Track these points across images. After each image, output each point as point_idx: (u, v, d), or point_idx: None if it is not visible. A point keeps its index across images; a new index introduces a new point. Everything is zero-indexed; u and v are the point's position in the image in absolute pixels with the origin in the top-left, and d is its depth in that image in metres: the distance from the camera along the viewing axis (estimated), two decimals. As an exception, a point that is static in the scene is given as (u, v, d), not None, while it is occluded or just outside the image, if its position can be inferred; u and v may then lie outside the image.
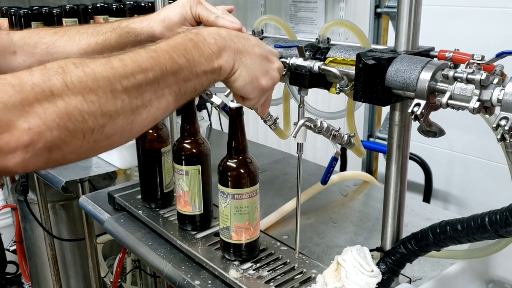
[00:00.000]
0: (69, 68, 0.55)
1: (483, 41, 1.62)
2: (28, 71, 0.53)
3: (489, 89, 0.66)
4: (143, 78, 0.61)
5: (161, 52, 0.65)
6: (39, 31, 1.03)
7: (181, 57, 0.66)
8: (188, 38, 0.70)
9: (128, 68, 0.60)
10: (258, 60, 0.78)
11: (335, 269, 0.89)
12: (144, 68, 0.61)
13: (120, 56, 0.61)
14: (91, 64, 0.57)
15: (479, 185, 1.80)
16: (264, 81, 0.79)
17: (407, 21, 0.77)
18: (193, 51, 0.68)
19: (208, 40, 0.71)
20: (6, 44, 1.00)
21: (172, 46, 0.67)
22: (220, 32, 0.74)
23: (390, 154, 0.84)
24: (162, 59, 0.64)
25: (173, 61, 0.65)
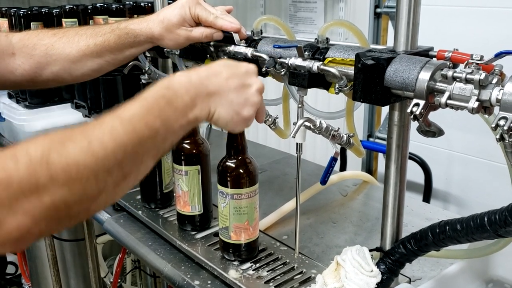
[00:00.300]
0: (52, 159, 0.55)
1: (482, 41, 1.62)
2: (13, 161, 0.53)
3: (488, 89, 0.66)
4: (123, 154, 0.62)
5: (136, 120, 0.64)
6: (37, 32, 1.03)
7: (156, 119, 0.66)
8: (160, 94, 0.69)
9: (108, 150, 0.60)
10: (234, 94, 0.76)
11: (334, 269, 0.89)
12: (123, 145, 0.62)
13: (100, 136, 0.60)
14: (73, 151, 0.57)
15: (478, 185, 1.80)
16: (245, 112, 0.78)
17: (406, 21, 0.77)
18: (166, 108, 0.68)
19: (180, 92, 0.70)
20: (5, 46, 1.00)
21: (147, 109, 0.66)
22: (190, 79, 0.73)
23: (390, 154, 0.84)
24: (138, 128, 0.64)
25: (149, 127, 0.65)
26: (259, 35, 1.04)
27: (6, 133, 2.06)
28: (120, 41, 1.01)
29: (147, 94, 0.69)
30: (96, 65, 1.03)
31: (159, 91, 0.69)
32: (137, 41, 1.02)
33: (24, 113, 1.86)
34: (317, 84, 0.88)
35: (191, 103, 0.71)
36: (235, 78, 0.76)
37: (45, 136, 0.58)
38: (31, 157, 0.54)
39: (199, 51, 1.12)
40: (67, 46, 1.00)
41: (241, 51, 1.00)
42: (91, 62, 1.02)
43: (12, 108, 1.92)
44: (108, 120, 0.63)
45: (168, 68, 1.41)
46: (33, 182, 0.53)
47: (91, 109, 1.71)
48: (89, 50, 1.00)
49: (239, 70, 0.78)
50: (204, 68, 0.77)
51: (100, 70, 1.06)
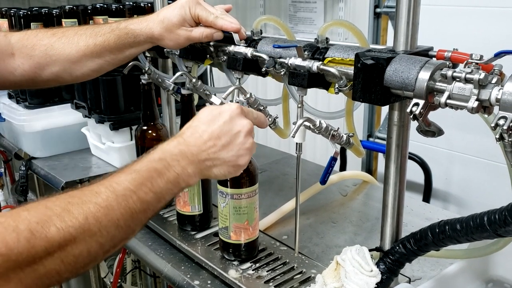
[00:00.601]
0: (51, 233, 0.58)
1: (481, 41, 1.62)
2: (15, 234, 0.55)
3: (488, 88, 0.66)
4: (115, 229, 0.65)
5: (130, 195, 0.66)
6: (36, 32, 1.03)
7: (149, 193, 0.68)
8: (152, 167, 0.70)
9: (102, 226, 0.63)
10: (225, 152, 0.77)
11: (334, 269, 0.89)
12: (116, 220, 0.64)
13: (94, 212, 0.62)
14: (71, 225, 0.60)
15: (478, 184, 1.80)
16: (240, 161, 0.79)
17: (406, 21, 0.77)
18: (159, 181, 0.70)
19: (172, 164, 0.72)
20: (4, 46, 1.00)
21: (140, 182, 0.68)
22: (181, 150, 0.74)
23: (389, 154, 0.84)
24: (131, 203, 0.66)
25: (142, 201, 0.67)
26: (259, 35, 1.04)
27: (6, 133, 2.06)
28: (120, 41, 1.00)
29: (140, 165, 0.70)
30: (96, 65, 1.03)
31: (151, 163, 0.71)
32: (137, 41, 1.02)
33: (24, 113, 1.86)
34: (316, 84, 0.88)
35: (183, 174, 0.73)
36: (223, 135, 0.76)
37: (47, 204, 0.60)
38: (32, 230, 0.56)
39: (199, 51, 1.12)
40: (67, 46, 1.00)
41: (241, 51, 1.00)
42: (91, 62, 1.02)
43: (12, 109, 1.92)
44: (104, 192, 0.65)
45: (168, 68, 1.41)
46: (31, 255, 0.56)
47: (91, 110, 1.71)
48: (89, 50, 1.00)
49: (223, 121, 0.77)
50: (190, 131, 0.77)
51: (100, 70, 1.06)
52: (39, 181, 2.06)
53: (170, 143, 0.75)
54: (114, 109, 1.65)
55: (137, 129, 1.29)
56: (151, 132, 1.27)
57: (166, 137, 1.29)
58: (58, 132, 1.85)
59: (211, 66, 1.15)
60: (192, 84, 1.12)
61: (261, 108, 0.98)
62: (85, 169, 1.75)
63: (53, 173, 1.71)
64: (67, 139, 1.87)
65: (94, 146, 1.82)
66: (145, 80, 1.24)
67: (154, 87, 1.25)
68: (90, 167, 1.77)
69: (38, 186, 2.09)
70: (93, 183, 0.67)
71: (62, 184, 1.64)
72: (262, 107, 0.98)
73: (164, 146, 0.74)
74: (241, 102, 0.96)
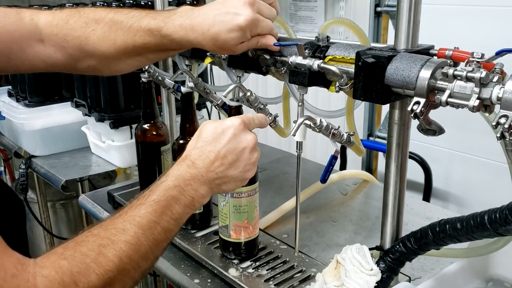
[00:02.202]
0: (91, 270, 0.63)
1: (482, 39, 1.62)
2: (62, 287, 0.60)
3: (489, 87, 0.66)
4: (145, 261, 0.70)
5: (154, 226, 0.70)
6: (66, 18, 0.94)
7: (170, 221, 0.73)
8: (170, 196, 0.73)
9: (134, 261, 0.68)
10: (233, 170, 0.79)
11: (334, 267, 0.89)
12: (145, 254, 0.69)
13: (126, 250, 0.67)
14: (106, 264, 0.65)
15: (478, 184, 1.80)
16: (248, 175, 0.82)
17: (407, 19, 0.77)
18: (177, 208, 0.73)
19: (186, 189, 0.75)
20: (31, 31, 0.93)
21: (161, 213, 0.71)
22: (193, 174, 0.76)
23: (390, 153, 0.84)
24: (157, 234, 0.71)
25: (165, 230, 0.72)
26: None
27: (6, 131, 2.06)
28: (163, 46, 0.92)
29: (158, 195, 0.72)
30: (136, 62, 0.98)
31: (168, 192, 0.73)
32: (182, 48, 0.97)
33: (24, 111, 1.86)
34: (317, 82, 0.87)
35: (197, 196, 0.76)
36: (229, 154, 0.78)
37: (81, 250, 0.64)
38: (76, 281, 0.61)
39: (199, 50, 1.12)
40: (103, 43, 0.93)
41: (241, 50, 1.00)
42: (131, 59, 0.97)
43: (12, 107, 1.92)
44: (130, 229, 0.68)
45: (168, 67, 1.41)
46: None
47: (91, 108, 1.71)
48: (128, 50, 0.93)
49: (227, 139, 0.78)
50: (197, 153, 0.78)
51: (141, 65, 1.03)
52: (39, 180, 2.07)
53: (180, 168, 0.76)
54: (114, 107, 1.65)
55: (137, 128, 1.29)
56: (151, 131, 1.27)
57: (166, 136, 1.29)
58: (58, 130, 1.85)
59: (211, 64, 1.15)
60: (192, 82, 1.12)
61: (261, 106, 0.97)
62: (85, 168, 1.75)
63: (53, 172, 1.71)
64: (67, 137, 1.87)
65: (94, 144, 1.82)
66: (145, 79, 1.23)
67: (154, 86, 1.25)
68: (90, 166, 1.77)
69: (38, 185, 2.09)
70: (114, 217, 0.70)
71: (62, 183, 1.64)
72: (262, 105, 0.98)
73: (176, 172, 0.76)
74: (241, 100, 0.96)
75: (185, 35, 0.88)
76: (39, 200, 2.12)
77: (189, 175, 0.75)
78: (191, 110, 1.14)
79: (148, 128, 1.27)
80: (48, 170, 1.73)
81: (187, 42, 0.89)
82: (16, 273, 0.58)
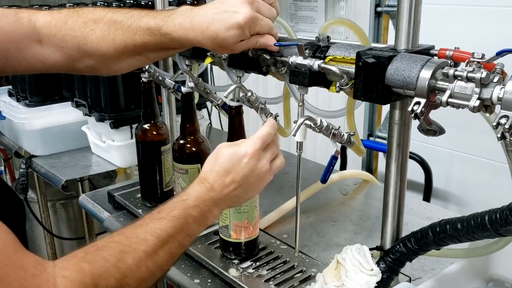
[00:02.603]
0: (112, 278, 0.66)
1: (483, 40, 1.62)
2: None
3: (489, 87, 0.66)
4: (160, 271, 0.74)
5: (172, 240, 0.74)
6: (65, 18, 0.94)
7: (186, 237, 0.77)
8: (189, 214, 0.77)
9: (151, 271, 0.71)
10: (252, 192, 0.85)
11: (334, 268, 0.89)
12: (161, 265, 0.73)
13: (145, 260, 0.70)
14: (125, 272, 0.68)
15: (479, 184, 1.80)
16: (260, 189, 0.86)
17: (407, 19, 0.77)
18: (194, 226, 0.78)
19: (204, 210, 0.79)
20: (29, 32, 0.92)
21: (180, 229, 0.76)
22: (211, 197, 0.80)
23: (390, 153, 0.84)
24: (173, 249, 0.75)
25: (181, 245, 0.76)
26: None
27: (6, 131, 2.06)
28: (163, 45, 0.92)
29: (179, 212, 0.76)
30: (136, 61, 0.98)
31: (187, 210, 0.77)
32: (181, 47, 0.96)
33: (25, 111, 1.86)
34: (318, 82, 0.87)
35: (212, 216, 0.81)
36: (245, 180, 0.82)
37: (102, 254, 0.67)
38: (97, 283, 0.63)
39: (200, 50, 1.12)
40: (103, 42, 0.93)
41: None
42: (130, 59, 0.96)
43: (12, 107, 1.92)
44: (151, 240, 0.72)
45: (169, 67, 1.41)
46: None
47: (91, 108, 1.71)
48: (127, 49, 0.93)
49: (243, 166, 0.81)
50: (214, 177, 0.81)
51: (141, 64, 1.03)
52: (39, 179, 2.06)
53: (199, 189, 0.80)
54: (115, 107, 1.65)
55: (138, 128, 1.29)
56: (151, 130, 1.27)
57: (166, 136, 1.29)
58: (58, 130, 1.85)
59: (212, 64, 1.15)
60: (192, 82, 1.12)
61: (262, 106, 0.97)
62: (85, 168, 1.75)
63: (53, 171, 1.71)
64: (67, 137, 1.87)
65: (95, 144, 1.82)
66: (145, 78, 1.23)
67: (154, 85, 1.25)
68: (90, 166, 1.77)
69: (38, 184, 2.09)
70: (135, 226, 0.73)
71: (62, 182, 1.64)
72: (263, 105, 0.98)
73: (196, 192, 0.80)
74: (242, 100, 0.96)
75: (185, 33, 0.88)
76: (39, 200, 2.12)
77: (207, 198, 0.80)
78: (191, 110, 1.14)
79: (149, 128, 1.27)
80: (48, 170, 1.73)
81: (187, 40, 0.89)
82: (36, 273, 0.59)
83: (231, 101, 0.96)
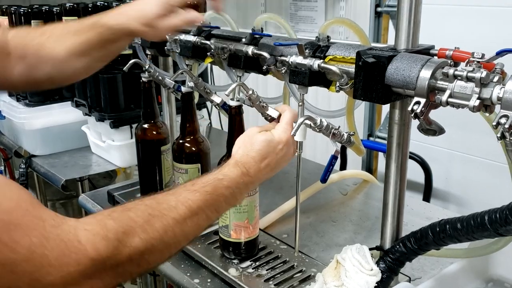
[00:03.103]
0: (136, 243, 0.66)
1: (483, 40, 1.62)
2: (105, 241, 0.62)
3: (489, 87, 0.66)
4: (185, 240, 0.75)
5: (201, 212, 0.76)
6: (29, 31, 1.02)
7: (214, 212, 0.79)
8: (221, 193, 0.79)
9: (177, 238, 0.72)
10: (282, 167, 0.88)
11: (334, 267, 0.89)
12: (187, 234, 0.74)
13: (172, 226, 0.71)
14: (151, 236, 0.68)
15: (479, 184, 1.80)
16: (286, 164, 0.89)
17: (407, 19, 0.77)
18: (223, 204, 0.80)
19: (235, 192, 0.81)
20: (2, 44, 0.96)
21: (210, 204, 0.77)
22: (245, 181, 0.83)
23: (390, 153, 0.84)
24: (201, 220, 0.76)
25: (208, 219, 0.78)
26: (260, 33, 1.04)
27: (6, 131, 2.06)
28: (102, 38, 0.99)
29: (212, 188, 0.78)
30: (84, 64, 1.02)
31: (221, 190, 0.79)
32: (117, 37, 1.00)
33: (24, 111, 1.86)
34: (317, 82, 0.87)
35: (240, 198, 0.85)
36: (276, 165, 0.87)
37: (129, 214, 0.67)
38: (120, 240, 0.63)
39: (200, 50, 1.12)
40: (56, 45, 0.98)
41: (242, 49, 1.00)
42: (78, 61, 1.01)
43: (12, 106, 1.92)
44: (181, 208, 0.73)
45: (169, 66, 1.41)
46: (116, 260, 0.63)
47: (91, 108, 1.71)
48: (75, 49, 0.98)
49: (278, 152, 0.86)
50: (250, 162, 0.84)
51: (89, 68, 1.05)
52: (39, 179, 2.06)
53: (236, 172, 0.82)
54: (115, 107, 1.65)
55: (138, 127, 1.29)
56: (151, 130, 1.27)
57: (166, 135, 1.29)
58: (58, 130, 1.85)
59: (212, 64, 1.15)
60: (192, 82, 1.12)
61: (263, 105, 0.97)
62: (85, 167, 1.75)
63: (53, 171, 1.71)
64: (67, 137, 1.87)
65: (94, 144, 1.82)
66: (145, 78, 1.23)
67: (154, 85, 1.25)
68: (90, 165, 1.77)
69: (38, 184, 2.09)
70: (168, 193, 0.75)
71: (62, 182, 1.64)
72: (264, 103, 0.98)
73: (231, 174, 0.82)
74: (242, 99, 0.96)
75: (118, 19, 0.97)
76: (39, 200, 2.12)
77: (242, 182, 0.82)
78: (191, 110, 1.14)
79: (148, 128, 1.27)
80: (48, 170, 1.73)
81: (121, 27, 0.97)
82: (55, 224, 0.59)
83: (231, 101, 0.96)
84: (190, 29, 1.13)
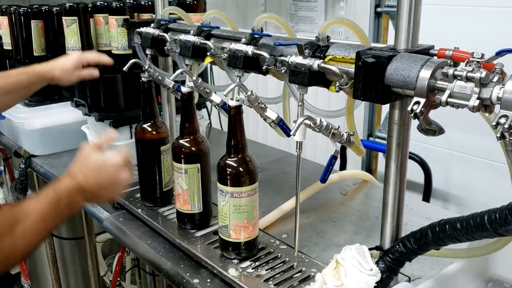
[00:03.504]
0: None
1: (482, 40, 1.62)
2: None
3: (489, 87, 0.66)
4: None
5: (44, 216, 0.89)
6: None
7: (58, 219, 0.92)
8: (62, 202, 0.92)
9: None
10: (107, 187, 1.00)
11: (334, 267, 0.89)
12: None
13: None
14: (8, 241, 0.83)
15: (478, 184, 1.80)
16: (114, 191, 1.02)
17: (407, 19, 0.77)
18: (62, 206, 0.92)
19: (64, 200, 0.92)
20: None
21: (46, 215, 0.89)
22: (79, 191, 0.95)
23: (390, 153, 0.84)
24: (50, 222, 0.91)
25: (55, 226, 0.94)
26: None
27: (6, 131, 2.06)
28: (31, 82, 1.30)
29: (44, 199, 0.90)
30: (10, 98, 1.31)
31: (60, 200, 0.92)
32: (44, 80, 1.33)
33: (24, 111, 1.86)
34: (317, 82, 0.87)
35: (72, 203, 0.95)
36: (105, 183, 0.98)
37: None
38: None
39: (200, 50, 1.12)
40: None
41: (241, 49, 1.00)
42: (7, 96, 1.29)
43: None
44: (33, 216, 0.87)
45: (168, 66, 1.41)
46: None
47: (91, 108, 1.71)
48: (5, 88, 1.27)
49: (107, 172, 0.98)
50: (83, 177, 0.95)
51: (13, 102, 1.37)
52: (38, 179, 2.06)
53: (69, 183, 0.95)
54: (114, 107, 1.65)
55: (137, 127, 1.29)
56: (151, 130, 1.27)
57: (166, 135, 1.29)
58: (58, 130, 1.85)
59: (212, 64, 1.15)
60: (192, 82, 1.12)
61: (262, 106, 0.97)
62: (85, 167, 1.74)
63: (52, 171, 1.71)
64: (67, 137, 1.87)
65: (94, 144, 1.82)
66: (145, 78, 1.23)
67: (154, 85, 1.25)
68: (90, 165, 1.76)
69: (38, 184, 2.08)
70: None
71: (61, 182, 1.63)
72: (263, 104, 0.98)
73: (66, 186, 0.94)
74: (242, 100, 0.96)
75: (45, 67, 1.33)
76: (38, 200, 2.11)
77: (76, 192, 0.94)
78: (191, 110, 1.14)
79: (148, 128, 1.27)
80: (48, 170, 1.72)
81: (46, 71, 1.32)
82: None
83: (231, 101, 0.96)
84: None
